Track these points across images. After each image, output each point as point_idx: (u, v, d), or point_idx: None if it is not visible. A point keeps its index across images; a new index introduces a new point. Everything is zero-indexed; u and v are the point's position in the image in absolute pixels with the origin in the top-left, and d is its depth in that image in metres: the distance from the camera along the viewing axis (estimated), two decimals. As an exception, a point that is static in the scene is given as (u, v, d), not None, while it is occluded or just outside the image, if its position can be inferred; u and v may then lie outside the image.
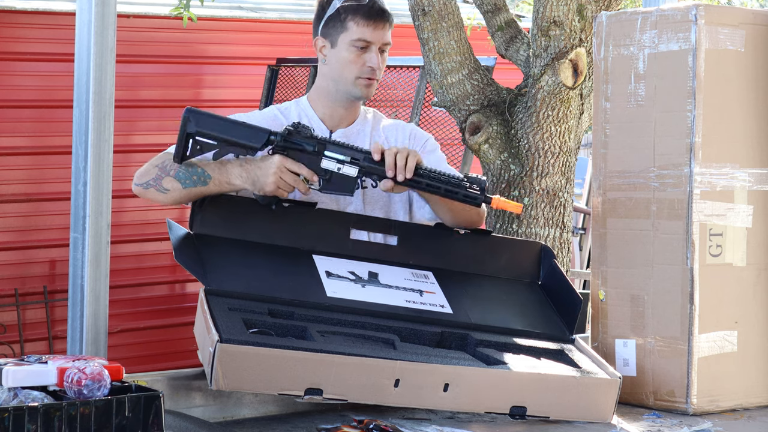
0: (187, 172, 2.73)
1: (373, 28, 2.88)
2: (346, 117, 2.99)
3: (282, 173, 2.72)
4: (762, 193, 2.88)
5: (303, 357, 2.36)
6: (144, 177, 2.78)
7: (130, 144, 6.36)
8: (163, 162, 2.77)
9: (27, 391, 2.09)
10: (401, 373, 2.43)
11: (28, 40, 6.11)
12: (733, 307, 2.83)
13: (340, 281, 2.72)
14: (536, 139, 4.07)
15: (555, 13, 3.99)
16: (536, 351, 2.73)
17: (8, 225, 6.19)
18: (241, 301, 2.54)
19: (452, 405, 2.50)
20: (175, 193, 2.74)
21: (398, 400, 2.44)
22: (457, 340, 2.68)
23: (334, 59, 2.93)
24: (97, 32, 2.50)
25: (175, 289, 6.82)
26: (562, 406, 2.59)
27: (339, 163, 2.76)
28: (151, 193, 2.77)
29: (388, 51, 2.96)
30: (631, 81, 2.88)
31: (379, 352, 2.47)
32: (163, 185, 2.75)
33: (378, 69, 2.90)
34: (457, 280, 2.88)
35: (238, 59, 6.83)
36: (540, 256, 3.01)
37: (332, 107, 2.98)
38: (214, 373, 2.30)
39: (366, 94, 2.93)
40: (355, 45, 2.89)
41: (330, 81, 2.96)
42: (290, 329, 2.49)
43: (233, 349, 2.31)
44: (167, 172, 2.75)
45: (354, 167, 2.76)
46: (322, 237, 2.81)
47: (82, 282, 2.49)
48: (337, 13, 2.91)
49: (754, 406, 2.86)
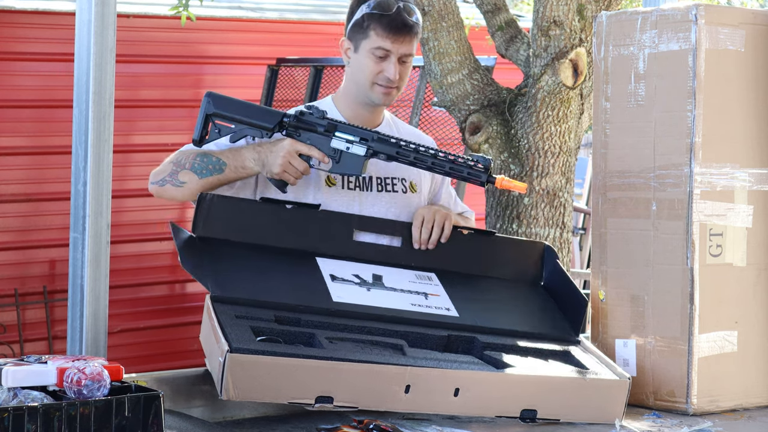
0: (202, 162, 2.80)
1: (392, 39, 2.86)
2: (370, 119, 2.98)
3: (291, 157, 2.77)
4: (762, 193, 2.87)
5: (313, 365, 2.36)
6: (159, 175, 2.84)
7: (130, 144, 6.36)
8: (177, 158, 2.84)
9: (27, 391, 2.09)
10: (411, 378, 2.43)
11: (28, 40, 6.11)
12: (733, 307, 2.83)
13: (345, 285, 2.72)
14: (536, 139, 4.07)
15: (555, 13, 3.99)
16: (543, 353, 2.73)
17: (8, 225, 6.19)
18: (247, 308, 2.53)
19: (463, 410, 2.50)
20: (192, 185, 2.79)
21: (409, 406, 2.44)
22: (464, 344, 2.68)
23: (355, 63, 2.93)
24: (97, 32, 2.50)
25: (175, 289, 6.82)
26: (573, 408, 2.60)
27: (348, 142, 2.80)
28: (167, 191, 2.82)
29: (411, 61, 2.93)
30: (631, 81, 2.88)
31: (389, 359, 2.47)
32: (179, 179, 2.81)
33: (395, 79, 2.88)
34: (461, 281, 2.88)
35: (238, 59, 6.83)
36: (543, 256, 3.01)
37: (355, 109, 2.97)
38: (224, 383, 2.29)
39: (384, 101, 2.93)
40: (374, 53, 2.88)
41: (352, 84, 2.97)
42: (298, 336, 2.49)
43: (243, 358, 2.30)
44: (182, 166, 2.81)
45: (363, 146, 2.79)
46: (326, 239, 2.81)
47: (82, 282, 2.49)
48: (362, 20, 2.89)
49: (754, 406, 2.86)
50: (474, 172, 2.78)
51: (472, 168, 2.78)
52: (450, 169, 2.79)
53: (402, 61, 2.90)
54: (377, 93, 2.91)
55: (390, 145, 2.81)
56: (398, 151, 2.80)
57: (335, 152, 2.80)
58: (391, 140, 2.81)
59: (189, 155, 2.82)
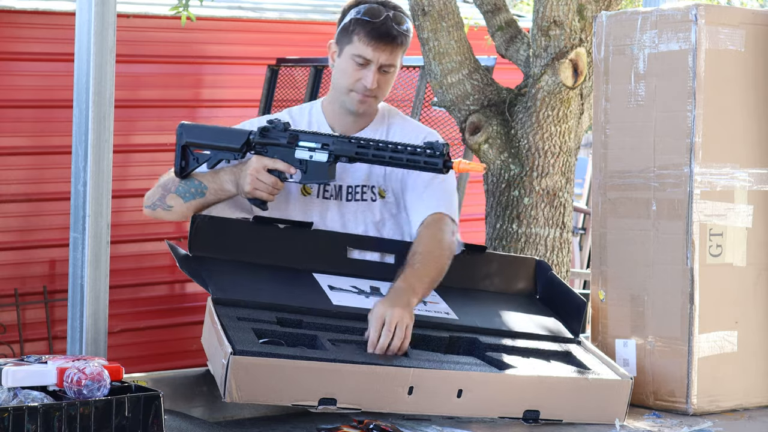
0: (186, 187, 2.86)
1: (374, 47, 2.83)
2: (355, 125, 2.96)
3: (258, 174, 2.78)
4: (762, 193, 2.87)
5: (317, 367, 2.36)
6: (150, 198, 2.91)
7: (130, 144, 6.36)
8: (165, 181, 2.91)
9: (27, 391, 2.09)
10: (415, 380, 2.43)
11: (28, 40, 6.11)
12: (733, 307, 2.83)
13: (344, 293, 2.74)
14: (536, 139, 4.07)
15: (555, 13, 3.99)
16: (545, 353, 2.74)
17: (8, 225, 6.18)
18: (249, 310, 2.55)
19: (466, 411, 2.51)
20: (179, 208, 2.87)
21: (412, 407, 2.44)
22: (466, 344, 2.69)
23: (337, 67, 2.92)
24: (96, 32, 2.50)
25: (175, 289, 6.81)
26: (575, 408, 2.61)
27: (310, 151, 2.79)
28: (158, 213, 2.91)
29: (395, 72, 2.90)
30: (631, 81, 2.88)
31: (392, 360, 2.47)
32: (167, 203, 2.88)
33: (372, 88, 2.85)
34: (457, 293, 2.90)
35: (238, 59, 6.83)
36: (535, 271, 3.04)
37: (339, 113, 2.96)
38: (228, 385, 2.30)
39: (358, 108, 2.90)
40: (355, 60, 2.85)
41: (334, 87, 2.96)
42: (300, 338, 2.50)
43: (246, 361, 2.31)
44: (169, 190, 2.88)
45: (324, 152, 2.79)
46: (321, 256, 2.83)
47: (82, 282, 2.49)
48: (349, 24, 2.87)
49: (754, 406, 2.86)
50: (431, 161, 2.72)
51: (430, 156, 2.72)
52: (407, 160, 2.74)
53: (383, 70, 2.86)
54: (352, 100, 2.89)
55: (349, 145, 2.78)
56: (357, 151, 2.77)
57: (301, 163, 2.80)
58: (351, 141, 2.79)
59: (175, 179, 2.89)
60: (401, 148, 2.74)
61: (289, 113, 3.02)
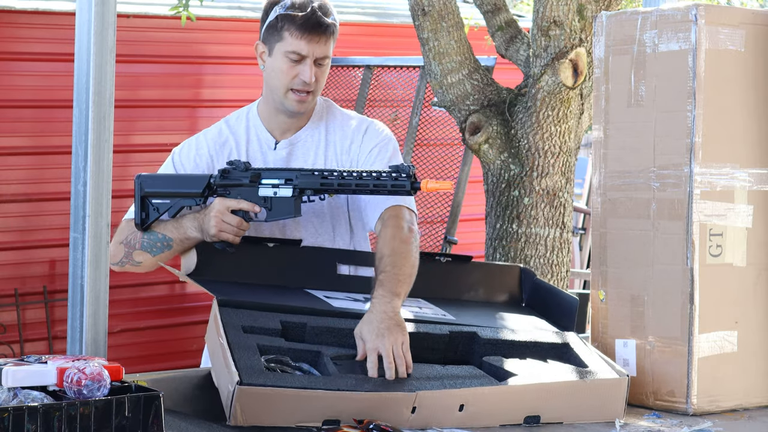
0: (150, 241, 2.84)
1: (307, 40, 2.80)
2: (292, 125, 2.93)
3: (222, 215, 2.75)
4: (762, 193, 2.87)
5: (320, 395, 2.39)
6: (116, 257, 2.87)
7: (130, 144, 6.35)
8: (126, 237, 2.87)
9: (27, 391, 2.09)
10: (418, 401, 2.46)
11: (28, 40, 6.11)
12: (733, 307, 2.83)
13: (341, 300, 2.78)
14: (536, 139, 4.07)
15: (555, 13, 3.99)
16: (542, 348, 2.76)
17: (8, 225, 6.18)
18: (253, 314, 2.58)
19: (468, 423, 2.54)
20: (149, 263, 2.86)
21: (415, 423, 2.47)
22: (466, 340, 2.72)
23: (269, 68, 2.87)
24: (96, 32, 2.50)
25: (175, 289, 6.81)
26: (575, 409, 2.63)
27: (274, 187, 2.77)
28: (128, 268, 2.89)
29: (328, 63, 2.87)
30: (631, 81, 2.88)
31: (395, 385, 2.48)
32: (134, 259, 2.87)
33: (311, 82, 2.82)
34: (445, 303, 2.93)
35: (238, 59, 6.82)
36: (520, 278, 3.07)
37: (275, 116, 2.93)
38: (233, 411, 2.34)
39: (298, 109, 2.87)
40: (289, 57, 2.82)
41: (268, 89, 2.92)
42: (304, 355, 2.52)
43: (253, 390, 2.34)
44: (133, 247, 2.86)
45: (288, 187, 2.76)
46: (312, 273, 2.85)
47: (82, 282, 2.49)
48: (276, 21, 2.83)
49: (754, 406, 2.86)
50: (398, 183, 2.69)
51: (396, 180, 2.69)
52: (374, 186, 2.71)
53: (318, 63, 2.84)
54: (291, 101, 2.86)
55: (313, 178, 2.74)
56: (322, 182, 2.74)
57: (266, 200, 2.77)
58: (314, 173, 2.75)
59: (136, 234, 2.85)
60: (366, 175, 2.71)
61: (226, 123, 2.99)
